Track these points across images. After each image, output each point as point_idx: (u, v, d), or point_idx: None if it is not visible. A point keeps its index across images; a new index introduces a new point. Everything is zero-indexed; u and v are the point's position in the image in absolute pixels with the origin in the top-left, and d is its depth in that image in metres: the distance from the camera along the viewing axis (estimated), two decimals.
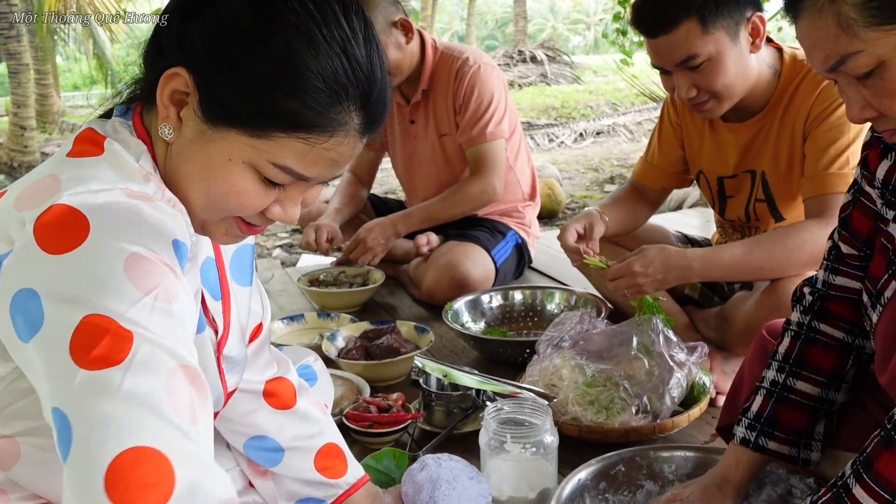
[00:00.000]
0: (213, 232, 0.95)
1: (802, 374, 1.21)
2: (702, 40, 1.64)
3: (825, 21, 0.89)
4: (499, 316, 2.34)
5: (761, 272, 1.75)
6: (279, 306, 2.76)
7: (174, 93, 0.87)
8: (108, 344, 0.73)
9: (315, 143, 0.85)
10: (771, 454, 1.21)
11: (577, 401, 1.62)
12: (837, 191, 1.66)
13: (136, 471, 0.69)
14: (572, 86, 15.56)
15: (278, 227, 5.43)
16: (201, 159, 0.88)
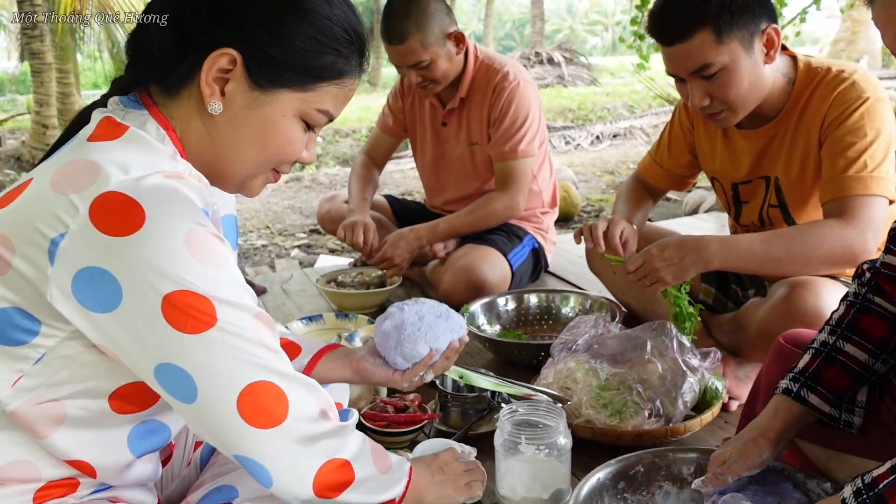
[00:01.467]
0: (252, 185, 1.11)
1: (853, 338, 1.23)
2: (716, 50, 1.66)
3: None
4: (514, 319, 2.37)
5: (778, 264, 1.74)
6: (297, 306, 2.81)
7: (219, 71, 0.99)
8: (197, 312, 0.91)
9: (345, 85, 1.07)
10: (811, 407, 1.21)
11: (591, 404, 1.65)
12: (857, 193, 1.68)
13: (258, 398, 0.94)
14: (589, 88, 15.54)
15: (297, 226, 5.48)
16: (258, 121, 1.03)
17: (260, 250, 4.82)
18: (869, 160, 1.69)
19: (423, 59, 2.50)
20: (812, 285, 1.73)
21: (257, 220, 5.86)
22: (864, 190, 1.68)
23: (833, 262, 1.71)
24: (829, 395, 1.22)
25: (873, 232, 1.66)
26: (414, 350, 1.27)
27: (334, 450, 1.00)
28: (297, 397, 0.97)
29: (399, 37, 2.47)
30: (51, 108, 9.60)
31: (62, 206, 0.91)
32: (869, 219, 1.67)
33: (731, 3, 1.64)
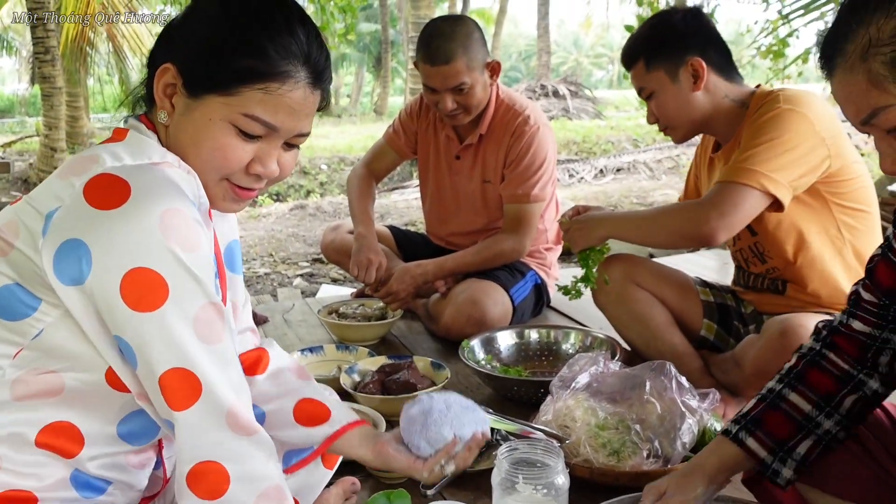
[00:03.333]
0: (213, 198, 1.15)
1: (798, 388, 1.25)
2: (644, 77, 2.03)
3: (856, 77, 0.93)
4: (515, 354, 2.37)
5: (645, 234, 2.08)
6: (298, 337, 2.81)
7: (167, 86, 1.11)
8: (151, 290, 0.97)
9: (271, 90, 1.09)
10: (746, 450, 1.24)
11: (589, 443, 1.64)
12: (724, 179, 1.87)
13: (177, 382, 1.00)
14: (594, 121, 15.66)
15: (300, 255, 5.50)
16: (190, 127, 1.10)
17: (262, 278, 4.83)
18: (753, 155, 1.83)
19: (465, 82, 2.52)
20: (807, 322, 1.77)
21: (261, 248, 5.88)
22: (731, 177, 1.86)
23: (681, 235, 1.97)
24: (768, 440, 1.23)
25: (719, 212, 1.84)
26: (439, 434, 1.29)
27: (222, 455, 1.02)
28: (211, 390, 1.01)
29: (445, 57, 2.49)
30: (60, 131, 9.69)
31: (63, 187, 1.02)
32: (718, 201, 1.85)
33: (653, 42, 2.01)
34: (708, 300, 2.20)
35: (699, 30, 2.00)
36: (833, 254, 1.94)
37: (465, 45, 2.49)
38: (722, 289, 2.25)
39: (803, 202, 1.91)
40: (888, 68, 0.90)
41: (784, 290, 2.02)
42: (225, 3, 1.11)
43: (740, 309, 2.19)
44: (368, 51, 29.79)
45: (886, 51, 0.90)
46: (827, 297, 1.95)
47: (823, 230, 1.93)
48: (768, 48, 5.17)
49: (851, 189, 1.91)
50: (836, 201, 1.91)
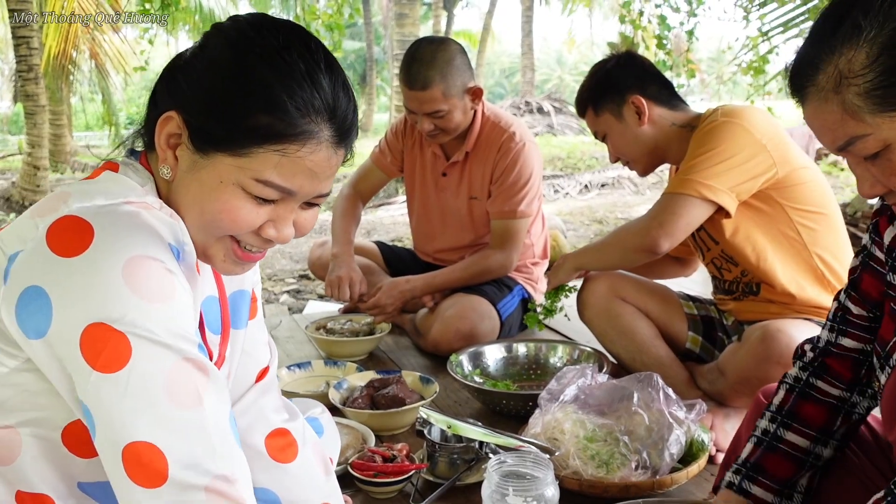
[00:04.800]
0: (212, 257, 1.04)
1: (793, 425, 1.26)
2: (595, 122, 2.20)
3: (831, 107, 0.94)
4: (503, 368, 2.38)
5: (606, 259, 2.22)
6: (286, 353, 2.80)
7: (170, 136, 0.99)
8: (112, 350, 0.85)
9: (289, 152, 0.96)
10: (753, 499, 1.24)
11: (578, 455, 1.65)
12: (668, 191, 2.02)
13: (139, 459, 0.85)
14: (578, 137, 15.76)
15: (286, 272, 5.49)
16: (195, 186, 0.99)
17: None
18: (693, 166, 1.95)
19: (441, 109, 2.54)
20: (785, 327, 1.82)
21: None
22: (671, 188, 2.00)
23: (633, 250, 2.08)
24: (772, 483, 1.24)
25: (659, 221, 1.98)
26: None
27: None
28: (181, 467, 0.86)
29: (422, 83, 2.50)
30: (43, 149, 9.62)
31: (29, 228, 0.93)
32: (658, 211, 2.00)
33: (595, 89, 2.17)
34: (692, 313, 2.23)
35: (634, 70, 2.15)
36: (793, 255, 2.00)
37: (444, 72, 2.50)
38: (705, 301, 2.29)
39: (757, 208, 1.99)
40: (863, 99, 0.91)
41: (758, 291, 2.08)
42: (237, 45, 0.97)
43: (723, 320, 2.22)
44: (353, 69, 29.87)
45: (860, 82, 0.90)
46: (798, 295, 2.00)
47: (780, 234, 2.00)
48: (749, 65, 5.25)
49: (804, 193, 1.98)
50: (791, 205, 1.97)
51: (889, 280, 1.15)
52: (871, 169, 0.98)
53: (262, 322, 1.29)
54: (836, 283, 1.99)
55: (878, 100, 0.90)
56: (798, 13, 5.17)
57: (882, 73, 0.89)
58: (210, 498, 0.87)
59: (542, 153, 2.90)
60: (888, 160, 0.94)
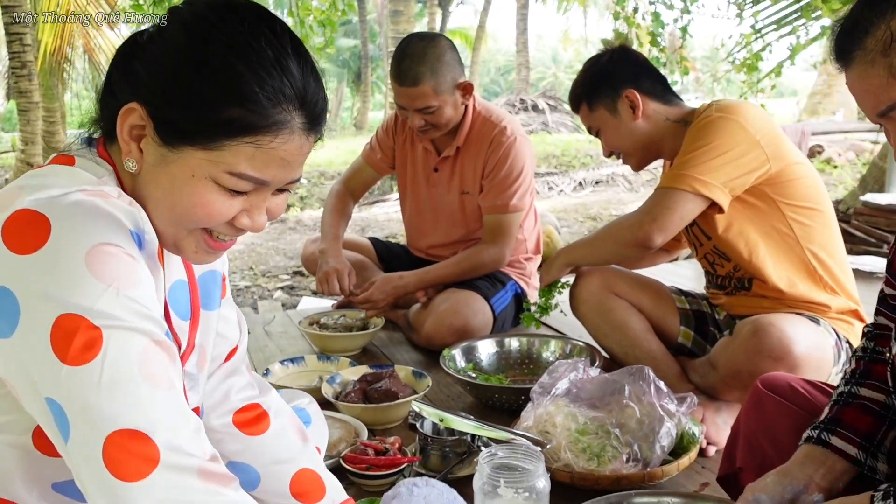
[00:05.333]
0: (184, 249, 1.02)
1: (866, 382, 1.25)
2: (590, 117, 2.20)
3: (877, 70, 0.95)
4: (496, 363, 2.39)
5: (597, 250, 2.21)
6: (279, 348, 2.81)
7: (132, 128, 0.95)
8: (83, 340, 0.83)
9: (262, 144, 0.93)
10: (833, 449, 1.19)
11: (570, 448, 1.66)
12: (662, 185, 2.01)
13: (125, 447, 0.82)
14: (573, 134, 15.76)
15: (280, 268, 5.48)
16: (166, 180, 0.95)
17: (243, 291, 4.81)
18: (687, 161, 1.95)
19: (431, 105, 2.54)
20: (776, 321, 1.82)
21: (241, 262, 5.86)
22: (665, 183, 2.00)
23: (624, 244, 2.09)
24: (852, 435, 1.20)
25: (652, 216, 1.99)
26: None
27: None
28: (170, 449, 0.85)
29: (412, 80, 2.50)
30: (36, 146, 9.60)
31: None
32: (650, 206, 2.01)
33: (589, 84, 2.17)
34: (684, 308, 2.24)
35: (627, 65, 2.16)
36: (785, 250, 2.01)
37: (434, 68, 2.50)
38: (697, 296, 2.29)
39: (750, 204, 1.99)
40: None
41: (750, 287, 2.08)
42: (197, 31, 0.92)
43: (715, 315, 2.23)
44: (348, 66, 29.86)
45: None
46: (789, 291, 2.01)
47: (773, 229, 2.00)
48: (742, 62, 5.26)
49: (797, 189, 1.98)
50: (785, 201, 1.98)
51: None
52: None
53: (231, 300, 1.29)
54: (827, 279, 1.99)
55: None
56: (791, 11, 5.19)
57: None
58: (205, 483, 0.86)
59: (536, 151, 2.91)
60: None
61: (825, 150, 11.11)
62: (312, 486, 1.26)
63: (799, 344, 1.77)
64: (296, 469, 1.26)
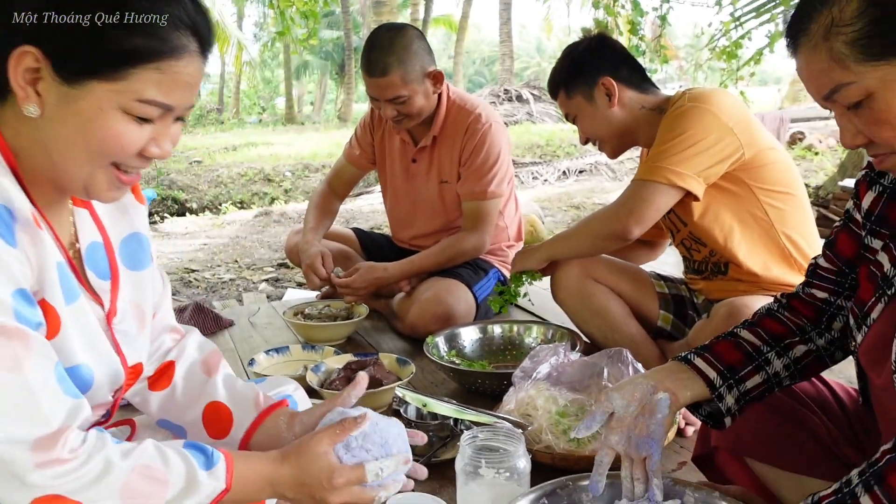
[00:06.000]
0: (96, 189, 1.03)
1: (750, 328, 1.32)
2: (567, 104, 2.22)
3: (819, 55, 0.98)
4: (479, 349, 2.42)
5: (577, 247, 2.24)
6: (265, 339, 2.83)
7: (26, 71, 0.94)
8: None
9: (166, 69, 0.97)
10: (693, 367, 1.26)
11: (551, 429, 1.69)
12: (637, 177, 2.06)
13: None
14: (557, 124, 15.79)
15: (264, 260, 5.49)
16: (73, 118, 0.96)
17: (228, 284, 4.82)
18: (661, 153, 1.99)
19: (401, 94, 2.56)
20: (751, 303, 1.87)
21: (225, 255, 5.86)
22: (640, 175, 2.05)
23: (603, 238, 2.13)
24: (716, 362, 1.27)
25: (628, 209, 2.04)
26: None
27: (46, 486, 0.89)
28: (10, 421, 0.88)
29: (381, 70, 2.52)
30: None
31: None
32: (626, 199, 2.05)
33: (567, 71, 2.19)
34: (663, 292, 2.27)
35: (605, 53, 2.19)
36: (760, 234, 2.05)
37: (402, 57, 2.52)
38: (676, 281, 2.33)
39: (725, 189, 2.03)
40: (849, 48, 0.95)
41: (727, 271, 2.12)
42: None
43: (693, 299, 2.27)
44: (331, 58, 29.73)
45: (848, 31, 0.95)
46: (764, 275, 2.05)
47: (748, 214, 2.04)
48: (722, 50, 5.30)
49: (771, 174, 2.02)
50: (759, 185, 2.02)
51: (867, 243, 1.20)
52: (853, 119, 1.02)
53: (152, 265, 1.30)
54: (801, 262, 2.04)
55: (863, 49, 0.95)
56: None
57: (868, 24, 0.94)
58: (42, 471, 0.88)
59: (521, 141, 2.95)
60: (870, 109, 0.98)
61: (806, 137, 11.20)
62: (219, 418, 1.28)
63: None
64: (203, 406, 1.29)
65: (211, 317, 2.97)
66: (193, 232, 7.36)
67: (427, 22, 22.07)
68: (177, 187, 9.95)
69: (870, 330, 1.14)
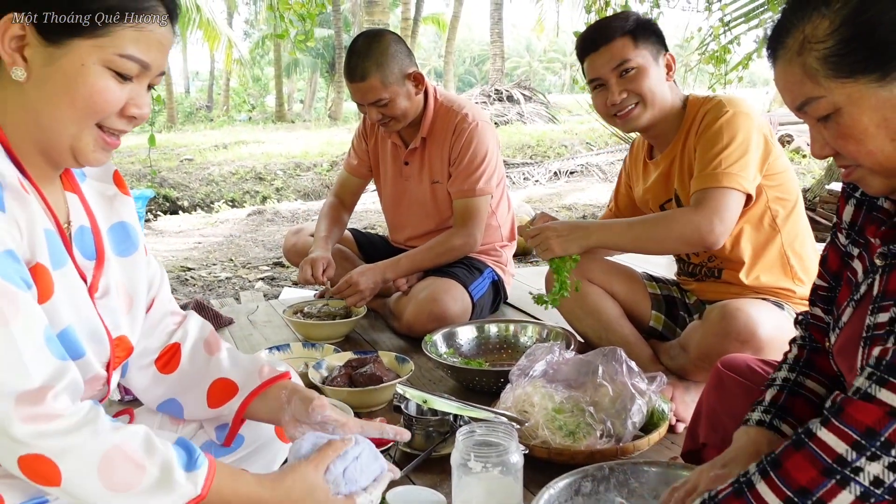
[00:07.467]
0: (83, 149, 1.10)
1: (811, 374, 1.35)
2: (633, 52, 2.06)
3: (794, 68, 1.04)
4: (475, 347, 2.48)
5: (640, 242, 2.11)
6: (264, 337, 2.87)
7: (12, 39, 1.03)
8: None
9: (143, 28, 1.06)
10: (783, 436, 1.29)
11: (547, 425, 1.75)
12: (708, 185, 1.98)
13: None
14: (548, 125, 15.87)
15: (260, 259, 5.53)
16: (59, 76, 1.04)
17: (224, 282, 4.86)
18: (723, 160, 1.97)
19: (382, 98, 2.63)
20: (743, 306, 1.92)
21: (220, 253, 5.89)
22: (713, 183, 1.98)
23: (684, 242, 2.03)
24: (798, 424, 1.30)
25: (720, 217, 1.95)
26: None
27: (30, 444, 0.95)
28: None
29: (360, 75, 2.61)
30: None
31: None
32: (715, 206, 1.96)
33: (644, 25, 2.08)
34: (655, 293, 2.33)
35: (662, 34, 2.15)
36: (764, 241, 2.10)
37: (380, 61, 2.60)
38: (668, 282, 2.39)
39: None
40: (820, 63, 1.01)
41: (720, 276, 2.18)
42: None
43: (685, 300, 2.33)
44: (322, 56, 29.71)
45: (820, 48, 1.01)
46: (755, 282, 2.11)
47: (759, 221, 2.09)
48: (711, 54, 5.38)
49: (782, 182, 2.08)
50: (771, 193, 2.07)
51: (847, 251, 1.26)
52: (822, 131, 1.07)
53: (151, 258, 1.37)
54: (798, 269, 2.09)
55: (833, 65, 1.00)
56: (758, 4, 5.32)
57: (840, 42, 0.99)
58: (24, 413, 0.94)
59: (511, 141, 3.00)
60: (837, 123, 1.04)
61: (794, 140, 11.31)
62: (223, 391, 1.35)
63: (763, 327, 1.87)
64: (208, 383, 1.36)
65: (211, 315, 3.02)
66: (187, 230, 7.38)
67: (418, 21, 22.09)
68: (168, 185, 9.95)
69: (840, 332, 1.20)
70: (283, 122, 23.08)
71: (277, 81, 25.56)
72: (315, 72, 31.45)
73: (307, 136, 15.98)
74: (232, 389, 1.36)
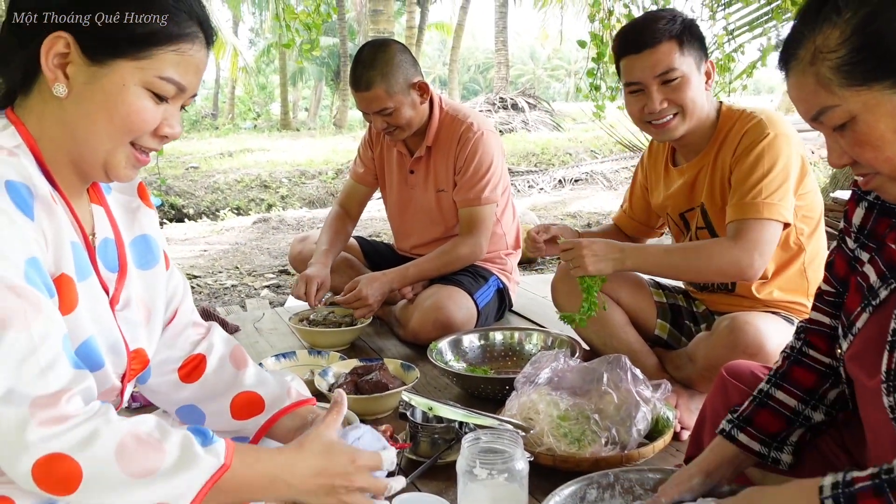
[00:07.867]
0: (115, 166, 1.13)
1: (783, 385, 1.37)
2: (679, 59, 1.96)
3: (807, 78, 1.06)
4: (480, 355, 2.49)
5: (677, 271, 2.10)
6: (270, 344, 2.89)
7: (56, 56, 1.06)
8: None
9: (183, 52, 1.11)
10: (740, 445, 1.35)
11: (552, 433, 1.76)
12: (749, 216, 1.94)
13: None
14: (552, 133, 15.88)
15: (265, 267, 5.55)
16: (99, 95, 1.08)
17: (230, 290, 4.88)
18: (763, 188, 1.93)
19: (387, 107, 2.66)
20: (752, 319, 1.92)
21: (226, 261, 5.91)
22: (755, 214, 1.93)
23: (722, 275, 2.01)
24: (760, 434, 1.35)
25: (760, 251, 1.92)
26: None
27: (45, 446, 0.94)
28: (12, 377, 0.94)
29: (365, 84, 2.63)
30: None
31: None
32: (756, 239, 1.92)
33: (690, 28, 1.99)
34: (661, 301, 2.33)
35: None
36: (789, 260, 2.09)
37: (385, 71, 2.62)
38: (674, 290, 2.39)
39: None
40: (833, 73, 1.02)
41: (733, 289, 2.17)
42: None
43: (692, 308, 2.32)
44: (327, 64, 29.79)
45: (832, 57, 1.02)
46: (768, 296, 2.11)
47: (786, 241, 2.05)
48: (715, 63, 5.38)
49: (809, 201, 2.05)
50: (799, 212, 2.03)
51: (856, 255, 1.27)
52: (839, 140, 1.08)
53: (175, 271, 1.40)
54: (812, 284, 2.08)
55: (846, 74, 1.02)
56: (762, 13, 5.34)
57: (852, 51, 1.00)
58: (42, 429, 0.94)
59: (516, 149, 3.02)
60: (853, 131, 1.05)
61: None
62: (249, 405, 1.38)
63: (772, 340, 1.87)
64: (233, 396, 1.38)
65: (218, 322, 3.03)
66: (192, 238, 7.40)
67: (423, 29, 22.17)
68: (174, 193, 9.99)
69: (855, 338, 1.21)
70: (288, 130, 23.15)
71: (283, 89, 25.64)
72: (320, 80, 31.54)
73: (312, 144, 16.02)
74: (258, 405, 1.39)
